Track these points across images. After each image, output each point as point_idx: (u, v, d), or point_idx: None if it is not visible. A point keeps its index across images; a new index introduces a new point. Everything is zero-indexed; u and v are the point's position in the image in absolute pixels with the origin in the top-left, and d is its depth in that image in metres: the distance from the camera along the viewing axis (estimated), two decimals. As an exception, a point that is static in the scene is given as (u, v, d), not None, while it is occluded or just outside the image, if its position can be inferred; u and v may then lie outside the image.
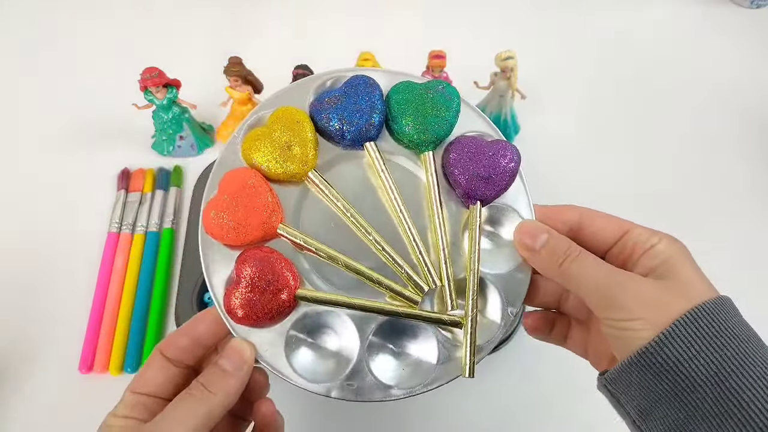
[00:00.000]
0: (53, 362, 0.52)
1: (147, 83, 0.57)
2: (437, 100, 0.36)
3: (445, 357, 0.34)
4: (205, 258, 0.35)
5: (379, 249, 0.35)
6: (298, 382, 0.33)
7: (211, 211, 0.34)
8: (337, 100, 0.36)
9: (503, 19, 0.79)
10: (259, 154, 0.35)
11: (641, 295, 0.29)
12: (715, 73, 0.74)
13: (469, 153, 0.35)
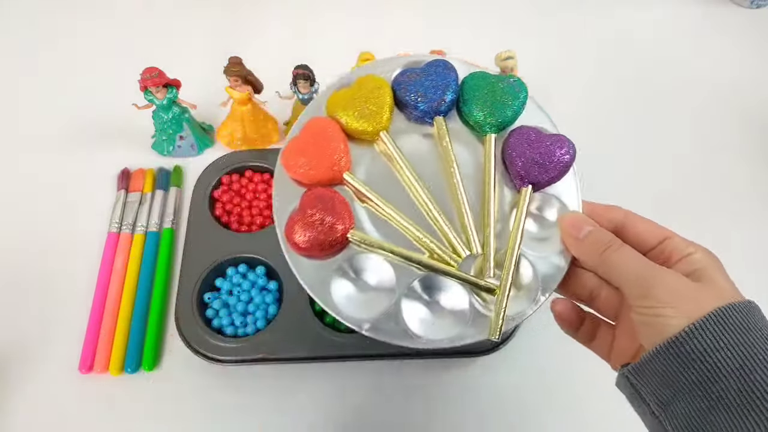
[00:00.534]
0: (53, 362, 0.52)
1: (147, 83, 0.57)
2: (507, 90, 0.40)
3: (474, 320, 0.36)
4: (276, 191, 0.39)
5: (428, 211, 0.38)
6: (336, 311, 0.36)
7: (290, 148, 0.38)
8: (417, 76, 0.40)
9: (503, 19, 0.79)
10: (340, 109, 0.39)
11: (676, 288, 0.31)
12: (715, 73, 0.74)
13: (528, 140, 0.38)
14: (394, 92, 0.40)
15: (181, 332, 0.52)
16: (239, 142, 0.63)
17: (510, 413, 0.51)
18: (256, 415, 0.51)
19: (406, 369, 0.52)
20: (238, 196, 0.60)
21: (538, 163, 0.38)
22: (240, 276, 0.55)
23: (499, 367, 0.53)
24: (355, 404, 0.51)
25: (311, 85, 0.58)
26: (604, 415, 0.51)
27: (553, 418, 0.51)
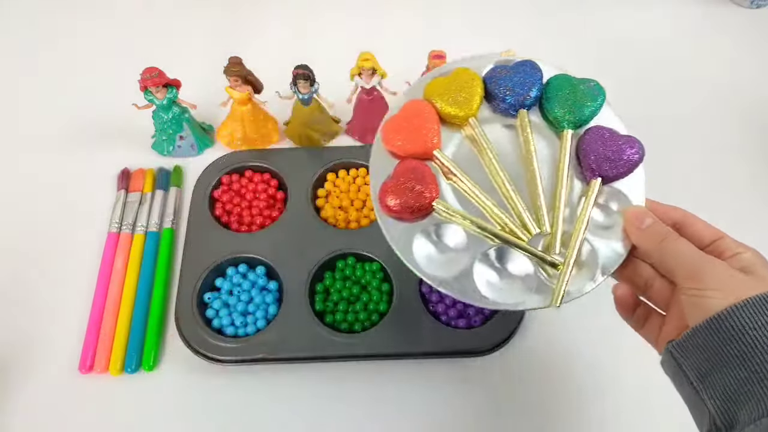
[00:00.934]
0: (53, 362, 0.52)
1: (147, 83, 0.57)
2: (586, 92, 0.44)
3: (537, 290, 0.40)
4: (372, 160, 0.43)
5: (506, 190, 0.42)
6: (416, 267, 0.40)
7: (390, 124, 0.43)
8: (507, 72, 0.45)
9: (503, 19, 0.79)
10: (436, 95, 0.44)
11: (724, 275, 0.34)
12: (714, 73, 0.74)
13: (602, 138, 0.43)
14: (485, 84, 0.45)
15: (181, 332, 0.52)
16: (239, 142, 0.63)
17: (510, 413, 0.51)
18: (256, 415, 0.51)
19: (406, 369, 0.52)
20: (238, 196, 0.60)
21: (610, 159, 0.42)
22: (240, 276, 0.55)
23: (498, 368, 0.53)
24: (355, 404, 0.51)
25: (311, 85, 0.58)
26: (604, 415, 0.51)
27: (552, 418, 0.51)
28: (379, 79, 0.59)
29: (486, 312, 0.53)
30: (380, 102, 0.62)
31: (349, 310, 0.53)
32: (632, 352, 0.54)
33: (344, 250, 0.56)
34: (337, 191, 0.60)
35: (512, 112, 0.45)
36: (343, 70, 0.59)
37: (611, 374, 0.53)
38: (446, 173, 0.43)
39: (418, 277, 0.53)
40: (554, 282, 0.40)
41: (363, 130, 0.64)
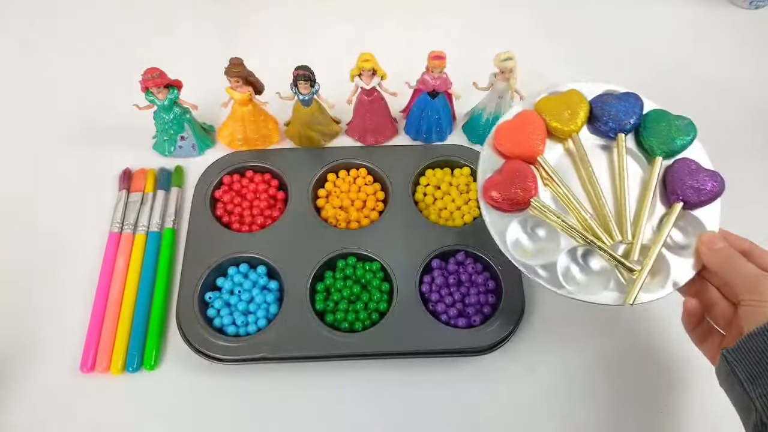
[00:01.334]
0: (55, 362, 0.52)
1: (148, 84, 0.57)
2: (681, 127, 0.50)
3: (613, 289, 0.46)
4: (483, 154, 0.51)
5: (597, 199, 0.48)
6: (507, 251, 0.47)
7: (504, 127, 0.51)
8: (613, 100, 0.52)
9: (503, 20, 0.79)
10: (546, 110, 0.51)
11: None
12: (714, 74, 0.74)
13: (689, 169, 0.49)
14: (590, 107, 0.51)
15: (183, 332, 0.52)
16: (240, 143, 0.64)
17: (509, 412, 0.51)
18: (257, 414, 0.51)
19: (406, 368, 0.53)
20: (239, 196, 0.60)
21: (694, 188, 0.48)
22: (241, 276, 0.55)
23: (498, 367, 0.53)
24: (355, 403, 0.51)
25: (311, 86, 0.58)
26: (603, 415, 0.51)
27: (552, 417, 0.51)
28: (379, 80, 0.59)
29: (486, 312, 0.53)
30: (380, 103, 0.62)
31: (349, 309, 0.53)
32: (632, 352, 0.54)
33: (345, 250, 0.56)
34: (337, 191, 0.61)
35: (611, 135, 0.51)
36: (343, 70, 0.59)
37: (610, 374, 0.53)
38: (544, 178, 0.49)
39: (418, 277, 0.54)
40: (628, 285, 0.46)
41: (363, 130, 0.65)
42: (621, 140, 0.50)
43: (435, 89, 0.60)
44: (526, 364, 0.53)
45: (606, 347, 0.54)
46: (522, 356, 0.54)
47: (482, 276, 0.55)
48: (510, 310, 0.52)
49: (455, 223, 0.59)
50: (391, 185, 0.60)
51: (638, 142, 0.51)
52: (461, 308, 0.53)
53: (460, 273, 0.55)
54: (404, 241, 0.56)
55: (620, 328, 0.55)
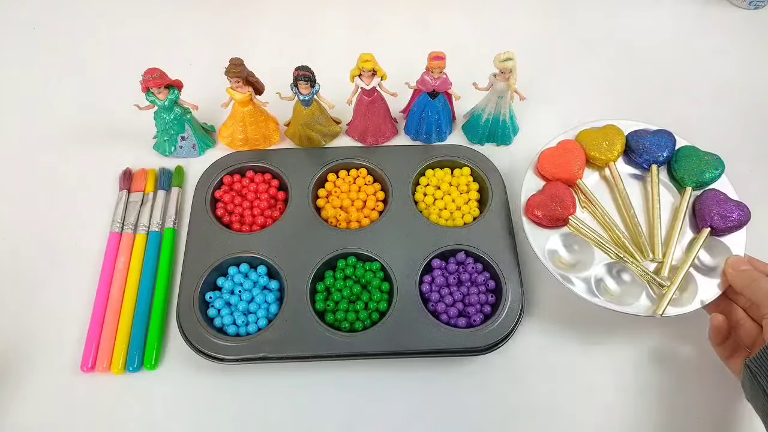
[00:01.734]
0: (55, 361, 0.52)
1: (149, 84, 0.57)
2: (710, 162, 0.56)
3: (643, 301, 0.51)
4: (527, 176, 0.57)
5: (631, 220, 0.55)
6: (545, 262, 0.52)
7: (547, 153, 0.58)
8: (648, 134, 0.58)
9: (503, 20, 0.79)
10: (586, 140, 0.58)
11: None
12: (713, 74, 0.74)
13: (717, 199, 0.54)
14: (627, 140, 0.58)
15: (183, 331, 0.52)
16: (240, 143, 0.64)
17: (509, 411, 0.51)
18: (258, 414, 0.51)
19: (406, 368, 0.53)
20: (240, 196, 0.60)
21: (721, 215, 0.53)
22: (241, 275, 0.55)
23: (498, 366, 0.53)
24: (356, 403, 0.51)
25: (312, 86, 0.58)
26: (603, 414, 0.51)
27: (551, 417, 0.51)
28: (379, 80, 0.59)
29: (486, 311, 0.53)
30: (380, 103, 0.62)
31: (349, 309, 0.53)
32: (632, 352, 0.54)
33: (345, 250, 0.56)
34: (337, 191, 0.61)
35: (645, 166, 0.58)
36: (343, 71, 0.59)
37: (609, 373, 0.53)
38: (582, 201, 0.56)
39: (418, 277, 0.54)
40: (658, 298, 0.50)
41: (363, 130, 0.65)
42: (654, 171, 0.57)
43: (435, 89, 0.60)
44: (527, 363, 0.53)
45: (606, 347, 0.54)
46: (522, 356, 0.54)
47: (482, 276, 0.55)
48: (510, 309, 0.53)
49: (455, 223, 0.59)
50: (391, 185, 0.60)
51: (670, 174, 0.58)
52: (461, 308, 0.54)
53: (461, 273, 0.55)
54: (404, 241, 0.57)
55: (621, 329, 0.55)
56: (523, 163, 0.64)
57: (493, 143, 0.67)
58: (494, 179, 0.60)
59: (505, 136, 0.66)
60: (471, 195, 0.61)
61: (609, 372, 0.53)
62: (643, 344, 0.54)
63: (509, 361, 0.53)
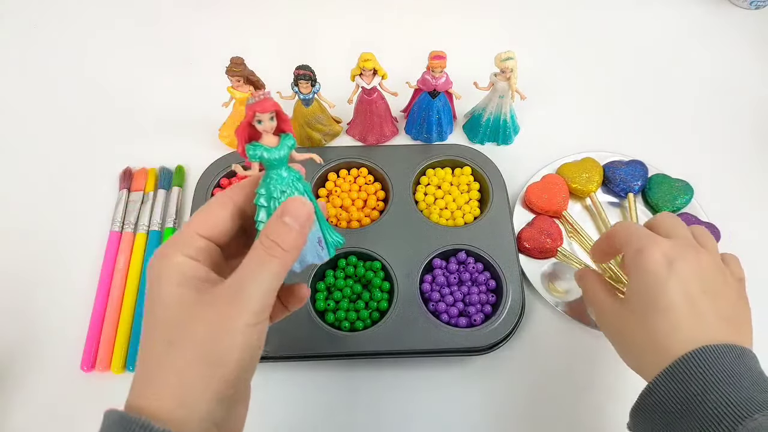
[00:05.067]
0: (55, 360, 0.52)
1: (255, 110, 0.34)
2: (681, 188, 0.61)
3: None
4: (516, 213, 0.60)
5: None
6: (539, 288, 0.56)
7: (533, 187, 0.61)
8: (623, 165, 0.62)
9: (503, 20, 0.79)
10: (567, 173, 0.62)
11: (628, 342, 0.43)
12: (714, 74, 0.74)
13: (688, 222, 0.57)
14: (604, 172, 0.62)
15: (183, 331, 0.52)
16: (241, 142, 0.64)
17: (510, 411, 0.51)
18: (257, 413, 0.50)
19: (406, 367, 0.53)
20: (240, 195, 0.60)
21: None
22: (241, 275, 0.55)
23: (499, 366, 0.53)
24: (356, 402, 0.51)
25: (312, 86, 0.58)
26: (602, 414, 0.51)
27: (551, 417, 0.51)
28: (380, 80, 0.59)
29: (486, 311, 0.53)
30: (381, 102, 0.62)
31: (350, 308, 0.53)
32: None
33: (346, 249, 0.56)
34: (338, 191, 0.61)
35: (621, 195, 0.61)
36: (344, 70, 0.59)
37: (608, 374, 0.53)
38: (569, 231, 0.60)
39: (418, 276, 0.54)
40: None
41: (364, 130, 0.65)
42: (631, 199, 0.61)
43: (435, 89, 0.60)
44: (527, 363, 0.53)
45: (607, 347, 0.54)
46: (523, 355, 0.54)
47: (483, 275, 0.55)
48: (511, 309, 0.52)
49: (456, 223, 0.59)
50: (391, 185, 0.60)
51: (645, 200, 0.62)
52: (462, 307, 0.54)
53: (461, 272, 0.55)
54: (405, 240, 0.56)
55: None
56: (525, 163, 0.64)
57: (494, 143, 0.67)
58: (495, 179, 0.60)
59: (506, 136, 0.66)
60: (472, 194, 0.61)
61: (610, 371, 0.53)
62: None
63: (510, 360, 0.53)
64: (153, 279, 0.30)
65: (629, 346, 0.42)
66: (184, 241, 0.31)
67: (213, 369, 0.29)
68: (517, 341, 0.53)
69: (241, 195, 0.33)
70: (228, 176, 0.61)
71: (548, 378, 0.53)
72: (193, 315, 0.29)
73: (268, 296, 0.30)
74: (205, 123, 0.66)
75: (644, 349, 0.39)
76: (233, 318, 0.29)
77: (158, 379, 0.29)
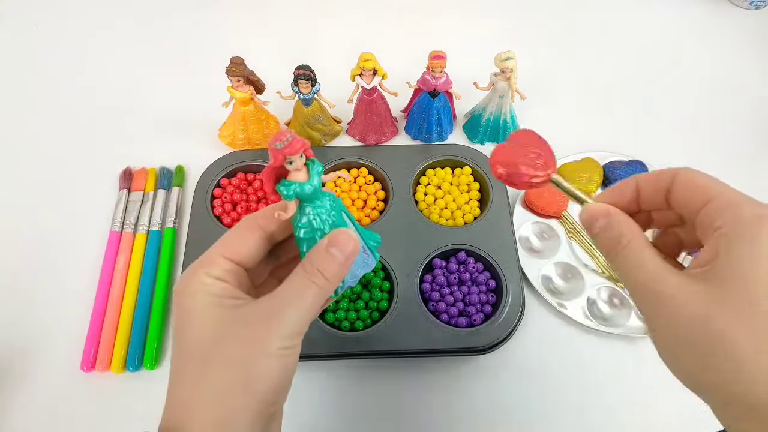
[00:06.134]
0: (55, 361, 0.52)
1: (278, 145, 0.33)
2: None
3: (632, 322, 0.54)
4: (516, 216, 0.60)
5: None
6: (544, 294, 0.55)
7: (532, 193, 0.60)
8: (622, 165, 0.62)
9: (503, 20, 0.79)
10: (567, 174, 0.62)
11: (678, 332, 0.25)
12: (714, 74, 0.74)
13: None
14: (604, 171, 0.62)
15: (183, 331, 0.52)
16: (241, 143, 0.64)
17: (510, 411, 0.51)
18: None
19: (406, 367, 0.53)
20: (240, 195, 0.60)
21: None
22: (241, 275, 0.55)
23: (498, 366, 0.53)
24: (355, 402, 0.51)
25: (312, 86, 0.58)
26: (602, 415, 0.51)
27: (551, 417, 0.51)
28: (380, 80, 0.59)
29: (486, 311, 0.53)
30: (381, 102, 0.62)
31: (350, 308, 0.53)
32: (632, 351, 0.54)
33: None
34: (338, 191, 0.61)
35: None
36: (344, 70, 0.59)
37: (608, 373, 0.53)
38: (569, 231, 0.59)
39: (418, 276, 0.54)
40: None
41: (364, 130, 0.65)
42: None
43: (435, 89, 0.60)
44: (527, 363, 0.53)
45: (607, 347, 0.54)
46: (523, 355, 0.53)
47: (483, 275, 0.55)
48: (511, 309, 0.52)
49: (456, 223, 0.59)
50: (391, 185, 0.60)
51: None
52: (462, 307, 0.53)
53: (461, 272, 0.55)
54: (405, 240, 0.56)
55: (621, 328, 0.55)
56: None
57: (494, 143, 0.67)
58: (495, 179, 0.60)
59: (506, 136, 0.66)
60: (472, 194, 0.61)
61: (611, 370, 0.53)
62: (644, 342, 0.54)
63: (510, 360, 0.53)
64: (182, 300, 0.30)
65: (714, 355, 0.24)
66: (211, 263, 0.31)
67: (249, 391, 0.28)
68: (517, 341, 0.53)
69: (269, 221, 0.32)
70: (228, 176, 0.61)
71: (548, 378, 0.53)
72: (227, 334, 0.29)
73: (305, 322, 0.30)
74: (205, 123, 0.66)
75: (756, 370, 0.23)
76: (269, 340, 0.28)
77: (193, 401, 0.28)
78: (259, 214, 0.33)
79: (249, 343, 0.28)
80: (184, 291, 0.30)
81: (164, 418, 0.29)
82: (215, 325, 0.29)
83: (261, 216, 0.33)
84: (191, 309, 0.29)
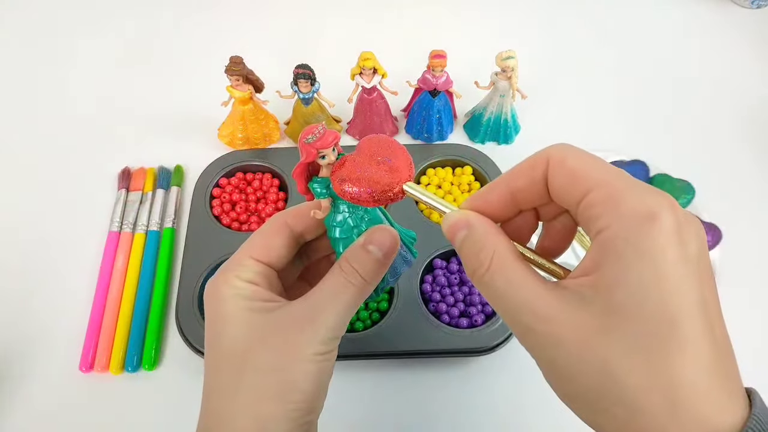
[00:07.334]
0: (54, 361, 0.52)
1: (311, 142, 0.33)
2: (682, 187, 0.59)
3: None
4: None
5: None
6: None
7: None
8: (624, 165, 0.61)
9: (504, 19, 0.79)
10: None
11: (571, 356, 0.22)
12: (715, 74, 0.74)
13: None
14: None
15: (182, 331, 0.52)
16: (240, 142, 0.63)
17: (511, 411, 0.51)
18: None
19: (407, 368, 0.52)
20: (239, 195, 0.60)
21: None
22: (241, 275, 0.55)
23: (498, 367, 0.52)
24: (355, 403, 0.51)
25: (312, 85, 0.58)
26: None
27: (552, 417, 0.51)
28: (380, 79, 0.59)
29: (488, 311, 0.53)
30: (381, 102, 0.62)
31: (350, 309, 0.53)
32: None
33: (345, 250, 0.56)
34: (338, 191, 0.60)
35: None
36: (343, 69, 0.59)
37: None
38: None
39: (419, 277, 0.54)
40: None
41: (364, 129, 0.64)
42: None
43: (436, 88, 0.60)
44: (529, 363, 0.53)
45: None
46: (524, 356, 0.53)
47: (484, 275, 0.55)
48: (512, 309, 0.52)
49: (456, 223, 0.58)
50: (391, 184, 0.60)
51: None
52: (463, 308, 0.53)
53: (462, 272, 0.55)
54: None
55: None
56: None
57: (494, 142, 0.66)
58: (496, 178, 0.60)
59: (507, 135, 0.66)
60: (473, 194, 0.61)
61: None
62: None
63: (511, 361, 0.53)
64: (214, 305, 0.29)
65: (604, 398, 0.23)
66: (240, 265, 0.30)
67: (283, 400, 0.27)
68: (517, 343, 0.53)
69: (298, 220, 0.31)
70: (227, 176, 0.61)
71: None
72: (262, 339, 0.28)
73: (342, 325, 0.29)
74: (204, 122, 0.66)
75: (641, 401, 0.21)
76: (305, 345, 0.27)
77: (227, 412, 0.28)
78: (287, 213, 0.32)
79: (283, 350, 0.27)
80: (215, 296, 0.29)
81: (199, 428, 0.29)
82: (248, 332, 0.28)
83: (290, 215, 0.32)
84: (223, 315, 0.28)
